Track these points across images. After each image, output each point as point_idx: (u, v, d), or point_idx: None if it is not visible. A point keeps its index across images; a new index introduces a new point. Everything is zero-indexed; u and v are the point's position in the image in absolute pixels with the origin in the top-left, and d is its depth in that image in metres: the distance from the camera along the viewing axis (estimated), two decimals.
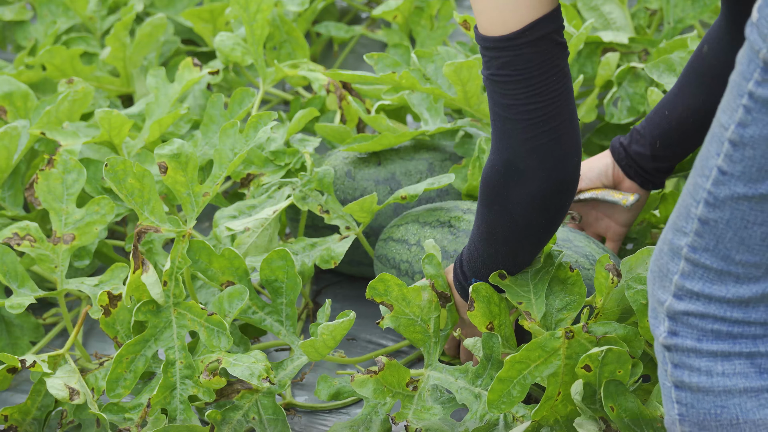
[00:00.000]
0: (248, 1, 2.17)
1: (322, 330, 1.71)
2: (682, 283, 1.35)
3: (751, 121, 1.24)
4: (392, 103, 2.20)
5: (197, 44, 2.72)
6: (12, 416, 1.83)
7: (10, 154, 2.10)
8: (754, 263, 1.31)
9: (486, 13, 1.48)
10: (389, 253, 1.93)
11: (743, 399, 1.34)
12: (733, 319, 1.34)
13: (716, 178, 1.29)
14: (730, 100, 1.26)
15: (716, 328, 1.34)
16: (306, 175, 1.97)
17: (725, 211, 1.30)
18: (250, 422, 1.77)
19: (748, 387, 1.34)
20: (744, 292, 1.33)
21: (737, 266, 1.32)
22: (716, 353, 1.35)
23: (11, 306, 1.89)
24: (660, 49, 2.20)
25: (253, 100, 2.14)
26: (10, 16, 2.69)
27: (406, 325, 1.74)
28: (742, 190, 1.28)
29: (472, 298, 1.68)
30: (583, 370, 1.58)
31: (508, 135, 1.53)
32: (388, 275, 1.72)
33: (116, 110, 2.12)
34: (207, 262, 1.82)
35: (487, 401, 1.60)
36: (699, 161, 1.32)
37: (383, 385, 1.71)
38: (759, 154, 1.25)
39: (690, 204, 1.33)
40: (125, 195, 1.78)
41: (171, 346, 1.79)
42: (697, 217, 1.32)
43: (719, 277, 1.33)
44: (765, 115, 1.23)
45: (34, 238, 1.92)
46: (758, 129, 1.24)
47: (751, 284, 1.32)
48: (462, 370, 1.72)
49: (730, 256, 1.31)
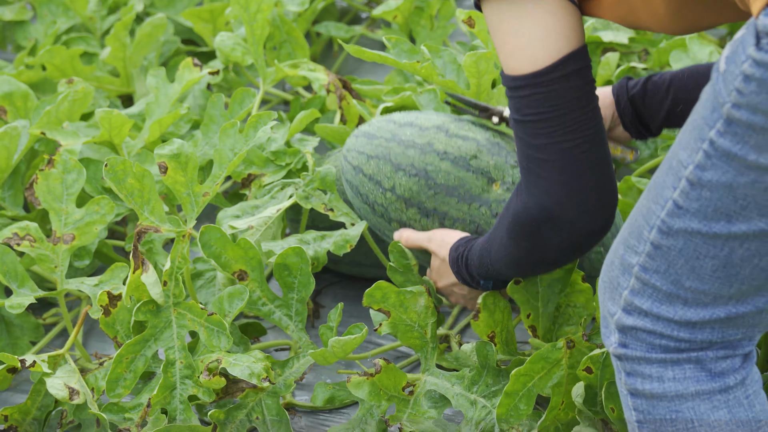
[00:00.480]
0: (248, 1, 2.17)
1: (333, 343, 1.71)
2: (631, 299, 1.37)
3: (710, 166, 1.26)
4: (393, 104, 2.20)
5: (197, 44, 2.73)
6: (12, 416, 1.83)
7: (10, 154, 2.10)
8: (702, 291, 1.33)
9: (514, 53, 1.45)
10: (361, 188, 1.89)
11: (696, 402, 1.36)
12: (680, 338, 1.36)
13: (671, 209, 1.30)
14: (690, 139, 1.28)
15: (664, 343, 1.36)
16: (308, 175, 1.97)
17: (678, 241, 1.31)
18: (254, 422, 1.77)
19: (699, 390, 1.36)
20: (691, 316, 1.34)
21: (686, 291, 1.33)
22: (666, 360, 1.36)
23: (11, 306, 1.89)
24: (660, 49, 2.20)
25: (253, 100, 2.14)
26: (10, 16, 2.70)
27: (404, 331, 1.75)
28: (697, 226, 1.29)
29: (478, 308, 1.69)
30: (584, 373, 1.59)
31: (543, 179, 1.48)
32: (384, 283, 1.72)
33: (116, 110, 2.12)
34: (221, 249, 1.82)
35: (496, 416, 1.62)
36: (654, 187, 1.33)
37: (379, 388, 1.71)
38: (716, 197, 1.27)
39: (643, 226, 1.34)
40: (125, 195, 1.78)
41: (171, 346, 1.79)
42: (650, 240, 1.34)
43: (668, 299, 1.35)
44: (724, 163, 1.25)
45: (34, 238, 1.92)
46: (716, 175, 1.26)
47: (699, 309, 1.34)
48: (458, 377, 1.73)
49: (680, 281, 1.33)
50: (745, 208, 1.26)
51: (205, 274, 1.96)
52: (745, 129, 1.22)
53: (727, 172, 1.25)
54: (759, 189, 1.24)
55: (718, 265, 1.30)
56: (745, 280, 1.30)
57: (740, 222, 1.26)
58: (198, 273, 1.96)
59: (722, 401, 1.35)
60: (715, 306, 1.33)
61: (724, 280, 1.31)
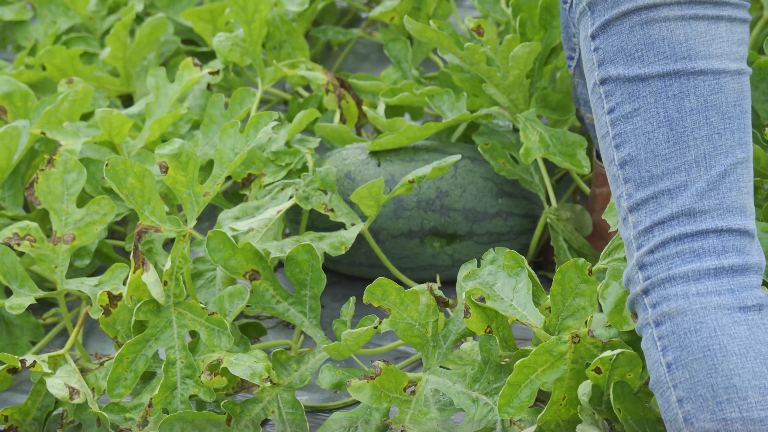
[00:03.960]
0: (246, 2, 2.17)
1: (346, 336, 1.71)
2: (636, 232, 1.48)
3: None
4: (391, 102, 2.21)
5: (197, 44, 2.72)
6: (12, 416, 1.83)
7: (11, 154, 2.10)
8: (674, 168, 1.45)
9: None
10: None
11: (718, 315, 1.42)
12: (688, 233, 1.45)
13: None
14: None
15: (679, 249, 1.45)
16: (308, 175, 1.97)
17: (627, 121, 1.48)
18: (269, 416, 1.77)
19: (721, 303, 1.42)
20: (684, 201, 1.45)
21: (663, 179, 1.45)
22: (687, 275, 1.44)
23: (11, 306, 1.89)
24: None
25: (253, 100, 2.14)
26: (10, 16, 2.69)
27: (404, 329, 1.74)
28: (623, 71, 1.49)
29: (467, 305, 1.68)
30: (593, 372, 1.59)
31: None
32: (385, 280, 1.72)
33: (116, 110, 2.12)
34: (230, 252, 1.82)
35: (497, 405, 1.61)
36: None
37: (380, 390, 1.71)
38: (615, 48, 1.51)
39: (609, 166, 1.50)
40: (126, 195, 1.78)
41: (171, 346, 1.79)
42: (617, 164, 1.49)
43: (657, 201, 1.46)
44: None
45: (34, 238, 1.92)
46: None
47: (685, 191, 1.45)
48: (460, 375, 1.72)
49: (652, 173, 1.46)
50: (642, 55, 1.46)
51: (206, 274, 1.96)
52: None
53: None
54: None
55: (667, 132, 1.45)
56: (696, 135, 1.45)
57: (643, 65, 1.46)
58: (198, 273, 1.96)
59: (742, 319, 1.42)
60: (695, 178, 1.45)
61: (680, 144, 1.44)
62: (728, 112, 1.47)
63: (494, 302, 1.69)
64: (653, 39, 1.46)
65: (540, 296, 1.73)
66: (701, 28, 1.46)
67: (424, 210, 2.04)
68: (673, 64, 1.46)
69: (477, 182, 2.06)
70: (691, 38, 1.46)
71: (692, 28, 1.46)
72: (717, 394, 1.39)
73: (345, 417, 1.74)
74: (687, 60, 1.46)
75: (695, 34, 1.46)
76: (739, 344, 1.40)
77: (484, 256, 1.75)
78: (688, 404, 1.41)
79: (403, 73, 2.36)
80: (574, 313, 1.67)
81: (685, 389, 1.42)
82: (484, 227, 2.05)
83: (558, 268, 1.68)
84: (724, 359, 1.40)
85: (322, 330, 1.84)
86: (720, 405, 1.39)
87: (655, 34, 1.46)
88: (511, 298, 1.70)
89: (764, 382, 1.39)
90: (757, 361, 1.39)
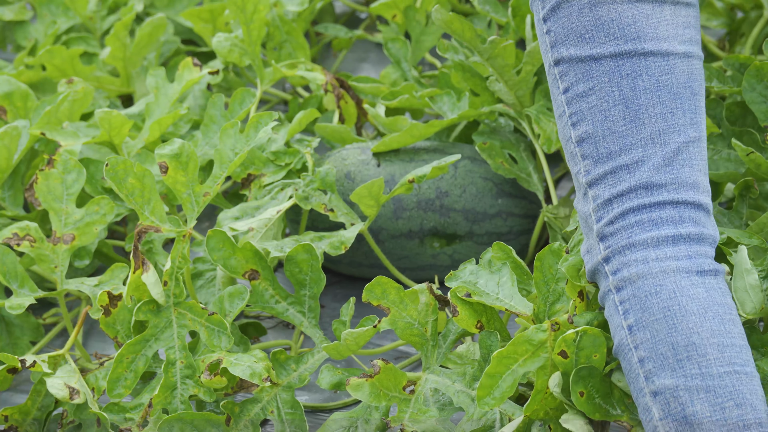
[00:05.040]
0: (245, 2, 2.17)
1: (346, 336, 1.71)
2: (596, 205, 1.52)
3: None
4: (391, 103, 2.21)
5: (197, 44, 2.72)
6: (12, 416, 1.83)
7: (10, 154, 2.10)
8: (629, 144, 1.50)
9: None
10: None
11: (677, 278, 1.47)
12: (647, 204, 1.49)
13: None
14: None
15: (638, 218, 1.50)
16: (308, 175, 1.98)
17: (582, 101, 1.52)
18: (269, 416, 1.77)
19: (680, 267, 1.48)
20: (641, 176, 1.49)
21: (621, 156, 1.50)
22: (647, 242, 1.49)
23: (11, 306, 1.89)
24: None
25: (253, 100, 2.14)
26: (10, 16, 2.69)
27: (404, 328, 1.74)
28: (575, 52, 1.53)
29: (453, 304, 1.68)
30: (559, 357, 1.57)
31: None
32: (384, 278, 1.72)
33: (116, 110, 2.12)
34: (230, 251, 1.82)
35: (476, 398, 1.60)
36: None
37: (379, 389, 1.71)
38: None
39: (567, 144, 1.55)
40: (126, 195, 1.78)
41: (171, 346, 1.79)
42: (574, 142, 1.53)
43: (615, 175, 1.50)
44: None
45: (34, 238, 1.92)
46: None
47: (642, 166, 1.50)
48: (460, 374, 1.72)
49: (610, 149, 1.50)
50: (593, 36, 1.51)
51: (205, 274, 1.97)
52: None
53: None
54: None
55: (623, 110, 1.49)
56: (651, 113, 1.49)
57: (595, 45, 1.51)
58: (198, 273, 1.96)
59: (699, 282, 1.47)
60: (651, 154, 1.50)
61: (636, 122, 1.49)
62: (679, 93, 1.51)
63: (480, 297, 1.69)
64: (602, 20, 1.51)
65: (531, 285, 1.73)
66: (647, 11, 1.51)
67: (424, 210, 2.04)
68: (624, 45, 1.51)
69: (477, 182, 2.06)
70: (639, 20, 1.51)
71: (639, 11, 1.51)
72: (677, 352, 1.44)
73: (345, 417, 1.74)
74: (637, 41, 1.51)
75: (642, 16, 1.51)
76: (698, 305, 1.45)
77: (482, 255, 1.75)
78: (649, 363, 1.46)
79: (402, 73, 2.36)
80: (560, 297, 1.67)
81: (647, 349, 1.46)
82: (484, 227, 2.05)
83: (536, 255, 1.69)
84: (683, 319, 1.44)
85: (321, 330, 1.85)
86: (680, 362, 1.43)
87: (604, 15, 1.51)
88: (497, 291, 1.70)
89: (722, 339, 1.43)
90: (715, 320, 1.44)
